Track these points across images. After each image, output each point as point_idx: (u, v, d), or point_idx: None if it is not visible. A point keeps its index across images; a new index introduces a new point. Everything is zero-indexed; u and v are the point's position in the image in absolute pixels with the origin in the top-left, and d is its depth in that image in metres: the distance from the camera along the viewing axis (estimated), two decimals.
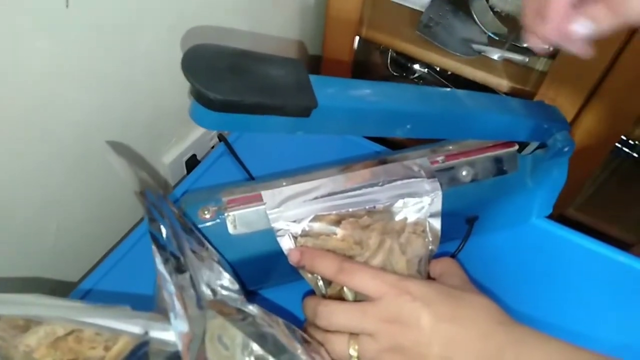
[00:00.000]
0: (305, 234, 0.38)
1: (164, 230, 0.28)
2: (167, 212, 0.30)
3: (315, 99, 0.29)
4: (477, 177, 0.41)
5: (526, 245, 0.46)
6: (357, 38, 0.72)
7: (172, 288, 0.25)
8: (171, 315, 0.24)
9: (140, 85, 0.47)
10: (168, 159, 0.56)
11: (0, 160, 0.37)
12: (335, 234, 0.38)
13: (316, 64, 0.77)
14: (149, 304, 0.29)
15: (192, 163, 0.59)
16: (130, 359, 0.24)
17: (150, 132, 0.52)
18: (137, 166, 0.34)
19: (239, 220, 0.38)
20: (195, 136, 0.58)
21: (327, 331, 0.33)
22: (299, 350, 0.26)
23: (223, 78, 0.27)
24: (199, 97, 0.27)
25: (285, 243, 0.38)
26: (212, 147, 0.61)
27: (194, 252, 0.29)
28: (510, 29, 0.68)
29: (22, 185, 0.39)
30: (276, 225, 0.38)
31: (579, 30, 0.27)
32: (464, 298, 0.31)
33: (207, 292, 0.28)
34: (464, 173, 0.41)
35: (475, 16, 0.68)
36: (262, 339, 0.24)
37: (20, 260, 0.42)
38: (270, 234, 0.38)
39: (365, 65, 0.86)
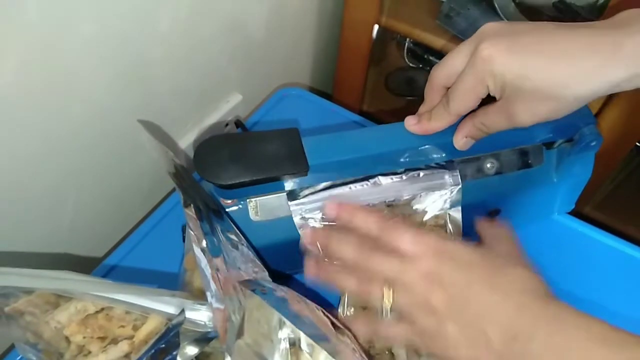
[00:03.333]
0: (325, 226, 0.39)
1: (197, 212, 0.28)
2: (200, 194, 0.31)
3: (307, 166, 0.37)
4: (502, 170, 0.42)
5: (547, 241, 0.47)
6: (375, 27, 0.72)
7: (207, 269, 0.26)
8: (208, 294, 0.25)
9: (157, 70, 0.48)
10: (183, 143, 0.57)
11: (23, 138, 0.37)
12: None
13: (333, 53, 0.78)
14: (172, 282, 0.30)
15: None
16: (160, 340, 0.25)
17: (166, 117, 0.52)
18: (167, 147, 0.35)
19: (260, 207, 0.39)
20: (211, 121, 0.59)
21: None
22: (332, 332, 0.27)
23: (226, 167, 0.35)
24: (212, 183, 0.35)
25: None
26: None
27: (224, 235, 0.30)
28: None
29: (41, 162, 0.40)
30: (297, 215, 0.38)
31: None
32: (505, 266, 0.31)
33: (240, 273, 0.28)
34: (488, 165, 0.42)
35: (497, 7, 0.68)
36: (296, 319, 0.25)
37: (45, 236, 0.43)
38: (292, 222, 0.39)
39: (382, 56, 0.86)
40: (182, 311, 0.26)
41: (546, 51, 0.29)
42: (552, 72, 0.29)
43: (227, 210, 0.37)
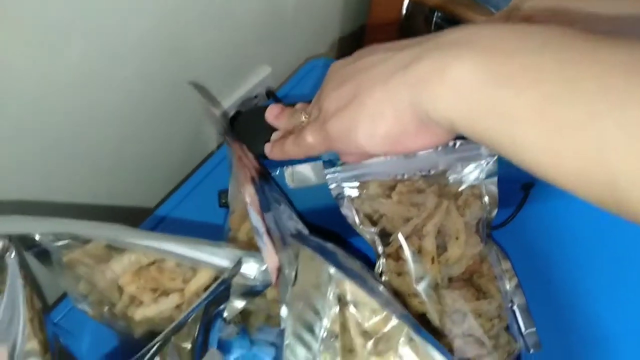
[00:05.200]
0: (361, 195, 0.40)
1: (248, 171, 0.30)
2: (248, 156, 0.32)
3: None
4: None
5: (581, 217, 0.47)
6: (406, 0, 0.72)
7: (260, 223, 0.27)
8: (261, 246, 0.26)
9: (190, 43, 0.49)
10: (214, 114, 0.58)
11: (80, 105, 0.40)
12: (391, 197, 0.40)
13: (361, 27, 0.78)
14: (218, 234, 0.31)
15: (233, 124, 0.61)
16: (216, 289, 0.26)
17: (191, 96, 0.54)
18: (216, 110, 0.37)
19: (296, 175, 0.40)
20: (240, 93, 0.60)
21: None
22: (380, 286, 0.28)
23: (263, 137, 0.37)
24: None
25: (343, 204, 0.39)
26: (257, 105, 0.63)
27: (270, 194, 0.32)
28: None
29: (95, 120, 0.43)
30: (333, 186, 0.39)
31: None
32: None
33: (289, 229, 0.30)
34: None
35: None
36: (346, 271, 0.26)
37: (99, 188, 0.47)
38: (326, 190, 0.40)
39: (411, 31, 0.86)
40: (239, 261, 0.27)
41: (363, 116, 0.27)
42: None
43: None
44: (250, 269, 0.28)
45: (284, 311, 0.25)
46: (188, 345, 0.27)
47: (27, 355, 0.28)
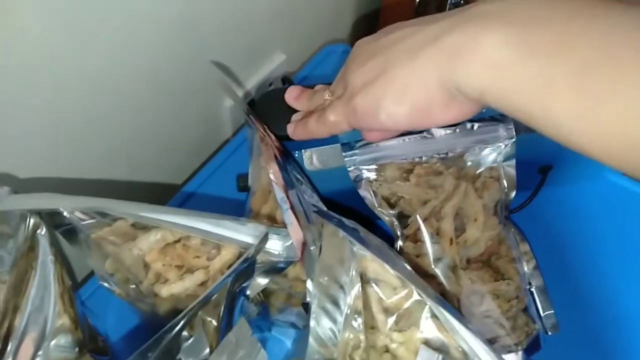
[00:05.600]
0: (379, 178, 0.40)
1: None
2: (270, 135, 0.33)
3: None
4: None
5: (599, 200, 0.47)
6: None
7: (285, 200, 0.28)
8: (286, 221, 0.27)
9: (205, 29, 0.49)
10: (229, 102, 0.58)
11: (106, 85, 0.41)
12: (409, 180, 0.40)
13: (376, 12, 0.78)
14: (240, 209, 0.31)
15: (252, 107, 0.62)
16: (238, 267, 0.27)
17: (213, 76, 0.54)
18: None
19: (315, 157, 0.40)
20: (256, 80, 0.60)
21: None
22: (401, 261, 0.29)
23: (282, 119, 0.38)
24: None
25: (361, 187, 0.40)
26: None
27: (292, 174, 0.32)
28: None
29: (116, 101, 0.44)
30: (352, 168, 0.40)
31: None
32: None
33: (312, 207, 0.30)
34: None
35: None
36: (370, 247, 0.27)
37: (125, 166, 0.48)
38: (344, 172, 0.40)
39: (426, 14, 0.85)
40: (266, 235, 0.28)
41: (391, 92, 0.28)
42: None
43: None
44: (275, 245, 0.28)
45: (309, 285, 0.26)
46: (214, 321, 0.28)
47: (59, 331, 0.29)
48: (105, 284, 0.32)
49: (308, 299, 0.26)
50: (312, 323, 0.24)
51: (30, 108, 0.35)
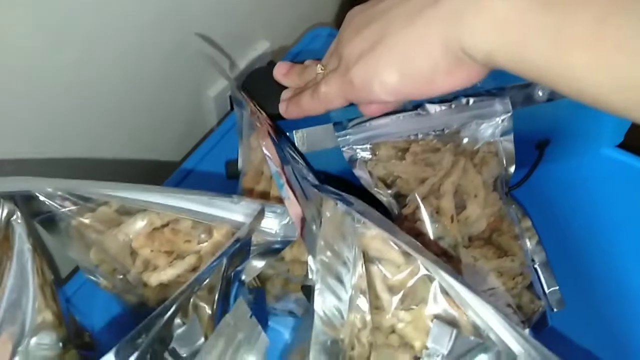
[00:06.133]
0: (374, 158, 0.39)
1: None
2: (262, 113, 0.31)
3: None
4: (554, 96, 0.41)
5: (596, 175, 0.47)
6: None
7: (280, 176, 0.26)
8: (283, 197, 0.25)
9: (190, 17, 0.47)
10: (213, 92, 0.57)
11: (91, 64, 0.39)
12: (405, 158, 0.39)
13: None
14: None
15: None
16: (231, 246, 0.25)
17: (197, 64, 0.52)
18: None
19: (307, 138, 0.39)
20: (241, 68, 0.59)
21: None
22: (404, 234, 0.27)
23: (271, 98, 0.36)
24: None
25: (356, 167, 0.38)
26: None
27: (286, 151, 0.30)
28: None
29: (109, 83, 0.43)
30: (345, 148, 0.38)
31: None
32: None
33: (309, 182, 0.28)
34: (540, 92, 0.41)
35: None
36: (371, 219, 0.25)
37: (108, 161, 0.46)
38: (339, 153, 0.39)
39: None
40: (262, 210, 0.26)
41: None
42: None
43: None
44: (271, 223, 0.27)
45: (311, 262, 0.24)
46: (208, 308, 0.26)
47: (40, 328, 0.26)
48: (91, 277, 0.30)
49: (310, 278, 0.25)
50: (316, 302, 0.23)
51: (12, 96, 0.33)
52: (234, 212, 0.26)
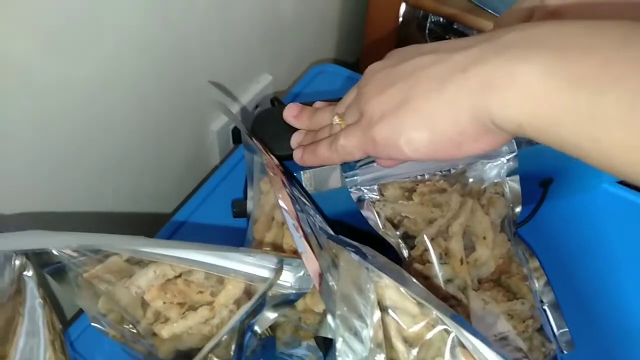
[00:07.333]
0: (382, 198, 0.39)
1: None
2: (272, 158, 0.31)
3: None
4: None
5: (598, 211, 0.47)
6: (403, 5, 0.72)
7: (296, 228, 0.26)
8: (300, 250, 0.25)
9: (194, 54, 0.48)
10: (216, 126, 0.57)
11: (90, 115, 0.39)
12: (412, 199, 0.39)
13: (360, 33, 0.78)
14: (240, 237, 0.29)
15: (238, 131, 0.60)
16: (253, 305, 0.25)
17: (200, 99, 0.53)
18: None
19: (315, 178, 0.39)
20: (242, 102, 0.59)
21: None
22: (419, 283, 0.27)
23: (279, 139, 0.37)
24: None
25: (364, 208, 0.38)
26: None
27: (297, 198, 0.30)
28: None
29: (104, 132, 0.42)
30: (353, 189, 0.38)
31: None
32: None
33: (322, 233, 0.28)
34: None
35: None
36: (385, 270, 0.25)
37: (111, 196, 0.46)
38: (346, 193, 0.39)
39: (407, 36, 0.86)
40: (281, 267, 0.26)
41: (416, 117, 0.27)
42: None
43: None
44: (287, 276, 0.26)
45: (330, 320, 0.24)
46: None
47: None
48: (98, 325, 0.29)
49: (327, 334, 0.24)
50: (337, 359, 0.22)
51: (12, 139, 0.32)
52: (249, 264, 0.26)
